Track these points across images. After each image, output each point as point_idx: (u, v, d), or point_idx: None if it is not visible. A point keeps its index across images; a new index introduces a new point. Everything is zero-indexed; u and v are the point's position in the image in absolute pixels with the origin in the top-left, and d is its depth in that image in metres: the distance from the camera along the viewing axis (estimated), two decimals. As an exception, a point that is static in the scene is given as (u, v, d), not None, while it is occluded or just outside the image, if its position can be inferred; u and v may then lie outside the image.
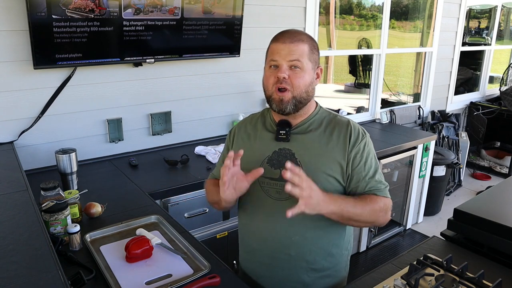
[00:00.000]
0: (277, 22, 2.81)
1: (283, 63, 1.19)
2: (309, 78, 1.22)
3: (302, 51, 1.19)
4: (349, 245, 1.39)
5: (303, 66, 1.20)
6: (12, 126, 2.05)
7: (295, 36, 1.21)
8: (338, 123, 1.28)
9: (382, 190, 1.26)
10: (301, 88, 1.21)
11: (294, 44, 1.19)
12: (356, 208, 1.19)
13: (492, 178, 4.63)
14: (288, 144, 1.26)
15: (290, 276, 1.30)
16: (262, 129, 1.33)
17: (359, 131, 1.27)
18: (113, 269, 1.27)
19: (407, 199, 3.36)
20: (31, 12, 1.82)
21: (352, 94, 5.48)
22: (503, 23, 5.57)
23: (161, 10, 2.19)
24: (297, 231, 1.26)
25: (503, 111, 4.63)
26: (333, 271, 1.34)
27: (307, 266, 1.29)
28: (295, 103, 1.22)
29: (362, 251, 3.14)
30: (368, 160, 1.26)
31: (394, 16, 3.82)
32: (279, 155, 1.26)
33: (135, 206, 1.74)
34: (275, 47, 1.21)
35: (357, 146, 1.24)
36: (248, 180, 1.20)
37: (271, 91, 1.22)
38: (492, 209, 1.55)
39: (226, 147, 1.43)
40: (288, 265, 1.29)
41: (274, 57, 1.20)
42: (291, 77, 1.19)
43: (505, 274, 1.28)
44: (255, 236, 1.35)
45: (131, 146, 2.45)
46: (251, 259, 1.39)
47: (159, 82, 2.46)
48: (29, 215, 1.19)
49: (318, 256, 1.29)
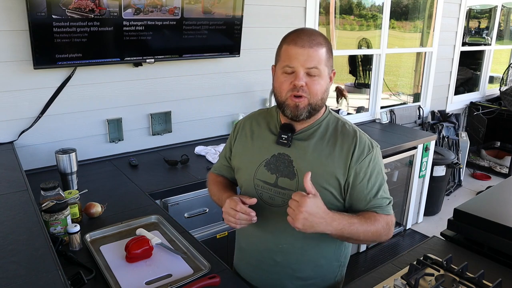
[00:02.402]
0: (277, 22, 2.81)
1: (301, 70, 1.11)
2: (325, 84, 1.16)
3: (321, 57, 1.11)
4: (341, 257, 1.32)
5: (321, 73, 1.12)
6: (12, 126, 2.05)
7: (314, 39, 1.12)
8: (344, 133, 1.20)
9: (384, 208, 1.19)
10: (318, 95, 1.14)
11: (313, 49, 1.10)
12: (358, 230, 1.12)
13: (492, 178, 4.63)
14: (288, 150, 1.21)
15: (275, 280, 1.29)
16: (265, 129, 1.28)
17: (365, 144, 1.19)
18: (113, 269, 1.27)
19: (407, 199, 3.36)
20: (31, 12, 1.82)
21: (352, 94, 5.48)
22: (503, 23, 5.57)
23: (161, 10, 2.19)
24: (286, 239, 1.23)
25: (503, 111, 4.63)
26: (320, 281, 1.30)
27: (292, 273, 1.26)
28: (310, 110, 1.15)
29: (362, 251, 3.14)
30: (373, 177, 1.18)
31: (394, 16, 3.82)
32: (277, 160, 1.22)
33: (135, 206, 1.74)
34: (292, 51, 1.11)
35: (361, 162, 1.16)
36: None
37: (285, 97, 1.15)
38: (492, 209, 1.55)
39: (229, 140, 1.40)
40: (274, 269, 1.28)
41: (291, 63, 1.11)
42: (308, 84, 1.12)
43: (505, 274, 1.28)
44: (244, 236, 1.35)
45: (131, 146, 2.45)
46: (240, 258, 1.40)
47: (159, 82, 2.46)
48: (29, 215, 1.19)
49: (304, 265, 1.26)
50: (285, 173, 1.20)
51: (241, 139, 1.33)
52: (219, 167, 1.44)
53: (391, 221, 1.20)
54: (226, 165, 1.40)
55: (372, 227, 1.15)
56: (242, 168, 1.29)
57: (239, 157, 1.31)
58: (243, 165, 1.29)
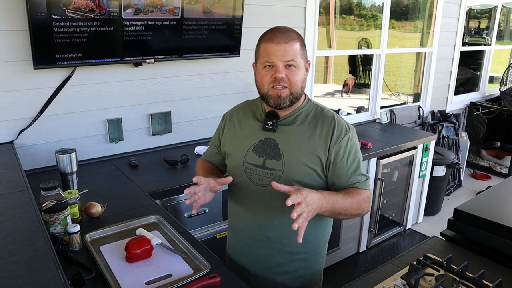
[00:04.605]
0: (277, 22, 2.77)
1: (280, 64, 1.24)
2: (303, 74, 1.29)
3: (296, 50, 1.24)
4: (326, 232, 1.45)
5: (298, 64, 1.25)
6: (12, 126, 2.05)
7: (288, 35, 1.25)
8: (323, 117, 1.33)
9: (363, 183, 1.31)
10: (298, 84, 1.27)
11: (288, 44, 1.23)
12: (345, 203, 1.24)
13: (492, 178, 4.63)
14: (274, 135, 1.32)
15: (267, 255, 1.39)
16: (252, 118, 1.40)
17: (342, 126, 1.31)
18: (113, 269, 1.27)
19: (407, 199, 3.36)
20: (31, 12, 1.82)
21: (352, 94, 5.48)
22: (503, 23, 5.57)
23: (161, 10, 2.19)
24: (276, 215, 1.33)
25: (503, 111, 4.63)
26: (308, 255, 1.40)
27: (282, 248, 1.37)
28: (291, 99, 1.28)
29: (362, 251, 3.14)
30: (351, 156, 1.30)
31: (394, 16, 3.82)
32: (264, 144, 1.33)
33: (135, 206, 1.74)
34: (270, 48, 1.24)
35: (340, 142, 1.29)
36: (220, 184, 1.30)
37: (267, 88, 1.28)
38: (492, 209, 1.55)
39: (218, 130, 1.52)
40: (266, 245, 1.38)
41: (270, 59, 1.24)
42: (288, 76, 1.25)
43: (505, 274, 1.28)
44: (238, 217, 1.45)
45: (131, 146, 2.45)
46: (235, 238, 1.49)
47: (159, 82, 2.46)
48: (29, 215, 1.19)
49: (294, 240, 1.31)
50: (272, 155, 1.32)
51: (229, 128, 1.45)
52: (209, 154, 1.56)
53: (369, 196, 1.32)
54: (215, 152, 1.53)
55: (355, 200, 1.27)
56: (232, 154, 1.41)
57: (229, 144, 1.43)
58: (233, 151, 1.41)
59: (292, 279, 1.41)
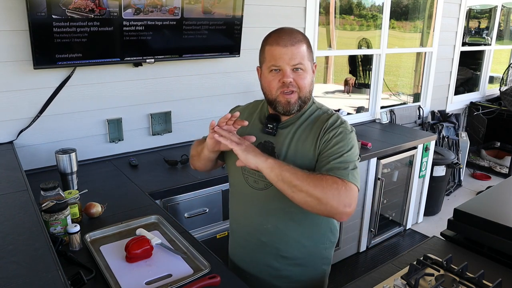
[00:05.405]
0: (277, 22, 2.80)
1: (287, 68, 1.19)
2: (310, 77, 1.24)
3: (303, 52, 1.20)
4: (326, 240, 1.37)
5: (305, 67, 1.21)
6: (12, 126, 2.05)
7: (294, 37, 1.20)
8: (320, 119, 1.27)
9: (341, 171, 1.14)
10: (306, 88, 1.23)
11: (295, 47, 1.18)
12: (297, 174, 1.12)
13: (492, 178, 4.63)
14: (273, 138, 1.29)
15: (262, 259, 1.37)
16: (256, 118, 1.38)
17: (335, 121, 1.24)
18: (113, 269, 1.27)
19: (407, 199, 3.36)
20: (31, 12, 1.82)
21: (352, 94, 5.48)
22: (503, 23, 5.57)
23: (161, 10, 2.19)
24: (270, 220, 1.31)
25: (503, 111, 4.63)
26: (306, 261, 1.36)
27: (277, 253, 1.34)
28: (300, 104, 1.24)
29: (362, 251, 3.14)
30: (338, 144, 1.19)
31: (394, 16, 3.82)
32: (263, 147, 1.30)
33: (135, 206, 1.74)
34: (276, 52, 1.19)
35: (328, 133, 1.21)
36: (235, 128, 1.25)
37: (275, 94, 1.23)
38: (492, 209, 1.55)
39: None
40: (260, 249, 1.36)
41: (277, 63, 1.19)
42: (296, 79, 1.20)
43: (505, 274, 1.28)
44: (234, 218, 1.46)
45: (131, 146, 2.45)
46: (232, 240, 1.49)
47: (159, 82, 2.46)
48: (29, 215, 1.19)
49: (288, 245, 1.33)
50: None
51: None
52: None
53: (345, 186, 1.11)
54: None
55: (317, 177, 1.12)
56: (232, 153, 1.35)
57: None
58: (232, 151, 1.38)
59: (289, 283, 1.38)
